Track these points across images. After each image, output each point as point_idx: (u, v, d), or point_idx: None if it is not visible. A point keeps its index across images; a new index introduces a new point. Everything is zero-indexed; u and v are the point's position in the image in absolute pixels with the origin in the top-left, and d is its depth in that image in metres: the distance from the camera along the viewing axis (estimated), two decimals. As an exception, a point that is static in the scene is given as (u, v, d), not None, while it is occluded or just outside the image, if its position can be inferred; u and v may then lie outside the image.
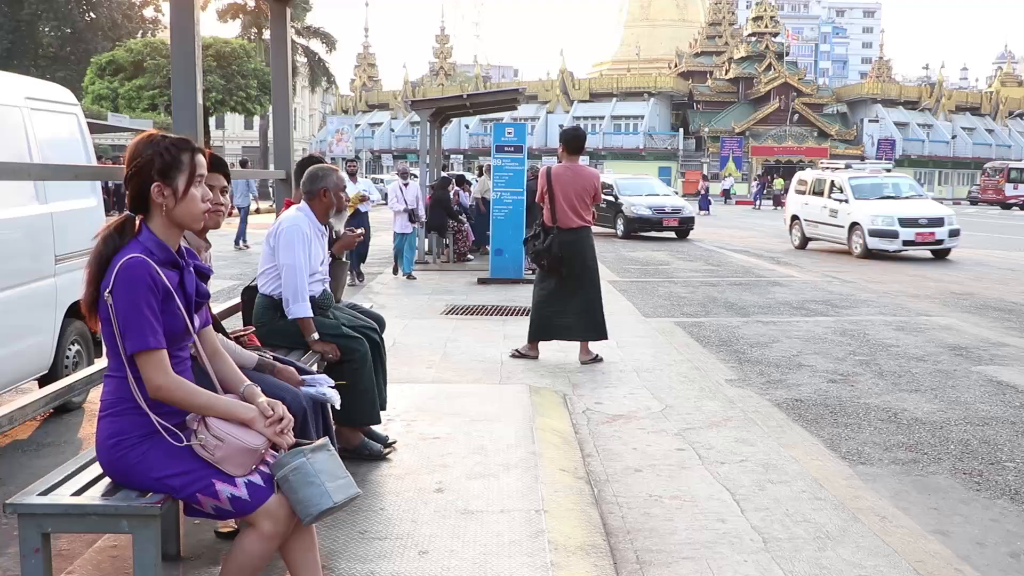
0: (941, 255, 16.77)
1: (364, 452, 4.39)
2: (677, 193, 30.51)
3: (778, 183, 44.39)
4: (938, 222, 16.51)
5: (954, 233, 16.59)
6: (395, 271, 12.91)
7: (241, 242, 17.89)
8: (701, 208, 35.38)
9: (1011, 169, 45.55)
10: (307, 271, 4.21)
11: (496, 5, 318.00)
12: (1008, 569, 3.46)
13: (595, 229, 7.40)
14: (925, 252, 16.88)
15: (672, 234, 21.80)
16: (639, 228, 21.48)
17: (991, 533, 3.80)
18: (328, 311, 4.39)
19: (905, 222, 16.27)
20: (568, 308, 6.96)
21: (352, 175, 12.24)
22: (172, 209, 2.46)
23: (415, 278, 12.38)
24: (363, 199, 11.57)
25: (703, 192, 38.42)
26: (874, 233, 16.47)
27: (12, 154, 4.87)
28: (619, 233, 21.77)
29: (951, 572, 3.40)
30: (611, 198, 21.54)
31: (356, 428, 4.39)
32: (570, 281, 6.93)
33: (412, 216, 12.65)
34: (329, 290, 4.49)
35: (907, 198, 17.73)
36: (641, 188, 23.02)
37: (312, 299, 4.24)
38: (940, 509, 4.07)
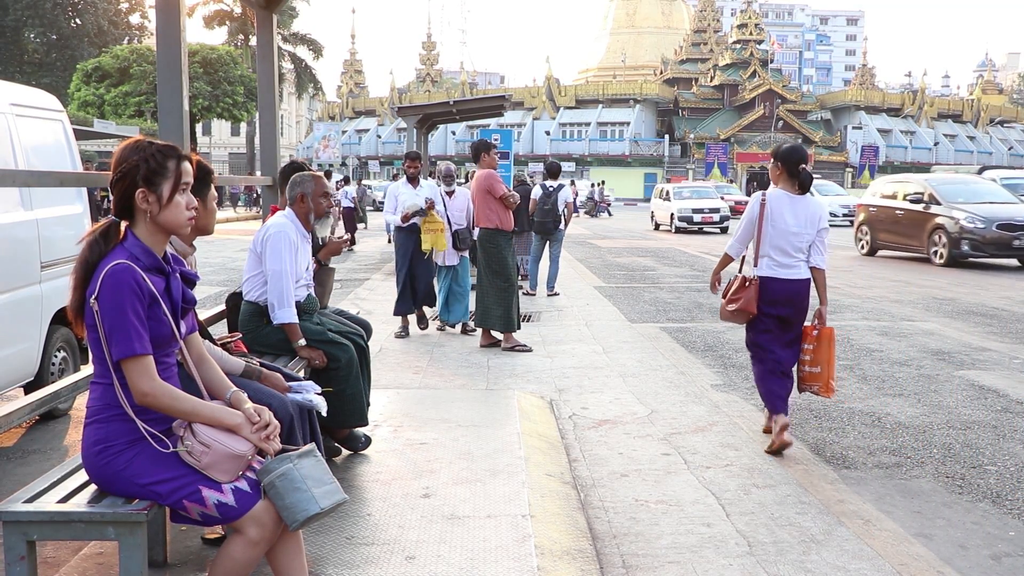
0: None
1: (351, 441, 4.54)
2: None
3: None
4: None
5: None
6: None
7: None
8: None
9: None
10: (293, 277, 4.22)
11: (483, 12, 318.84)
12: (990, 571, 3.49)
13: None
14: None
15: None
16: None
17: (973, 536, 3.84)
18: (313, 315, 4.40)
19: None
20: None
21: (412, 179, 8.46)
22: (156, 215, 2.46)
23: (473, 330, 8.47)
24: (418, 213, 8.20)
25: None
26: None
27: (-3, 160, 4.86)
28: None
29: (933, 575, 3.43)
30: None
31: None
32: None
33: (458, 240, 8.49)
34: (314, 295, 4.50)
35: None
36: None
37: (297, 304, 4.26)
38: (923, 512, 4.10)
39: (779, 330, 4.98)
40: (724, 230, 26.97)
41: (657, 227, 29.26)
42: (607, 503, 4.16)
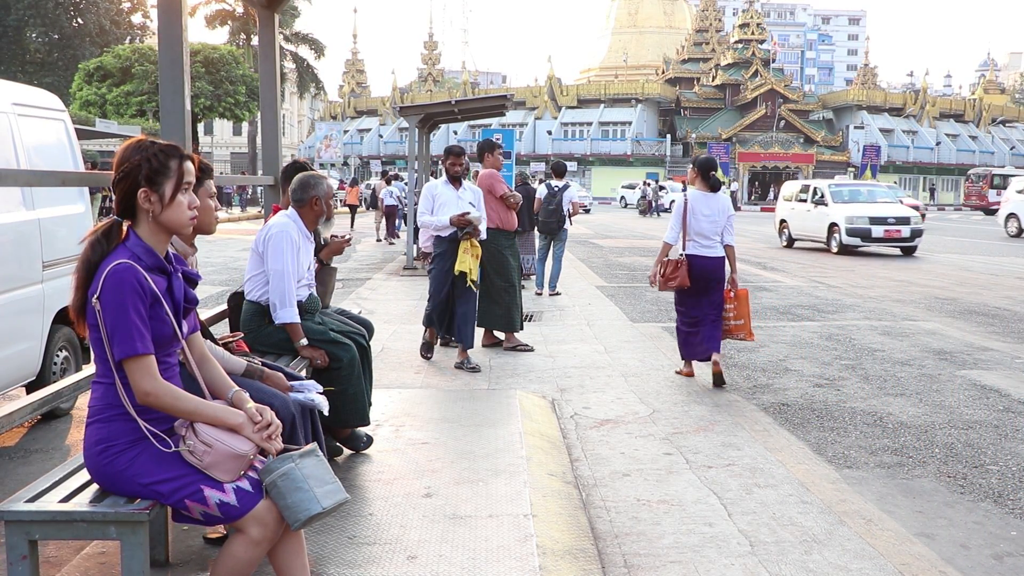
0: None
1: (353, 440, 4.55)
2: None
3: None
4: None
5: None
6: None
7: None
8: None
9: (994, 175, 45.86)
10: (295, 277, 4.22)
11: (484, 12, 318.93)
12: (991, 571, 3.49)
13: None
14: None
15: None
16: None
17: (975, 535, 3.84)
18: (315, 315, 4.41)
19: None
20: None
21: (454, 180, 6.90)
22: (158, 215, 2.46)
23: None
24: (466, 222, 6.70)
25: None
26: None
27: (-1, 160, 4.86)
28: None
29: (935, 574, 3.42)
30: None
31: None
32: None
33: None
34: (316, 294, 4.50)
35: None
36: None
37: (298, 303, 4.26)
38: (925, 512, 4.10)
39: (703, 294, 6.51)
40: (911, 251, 18.70)
41: (791, 243, 20.58)
42: (609, 503, 4.16)
